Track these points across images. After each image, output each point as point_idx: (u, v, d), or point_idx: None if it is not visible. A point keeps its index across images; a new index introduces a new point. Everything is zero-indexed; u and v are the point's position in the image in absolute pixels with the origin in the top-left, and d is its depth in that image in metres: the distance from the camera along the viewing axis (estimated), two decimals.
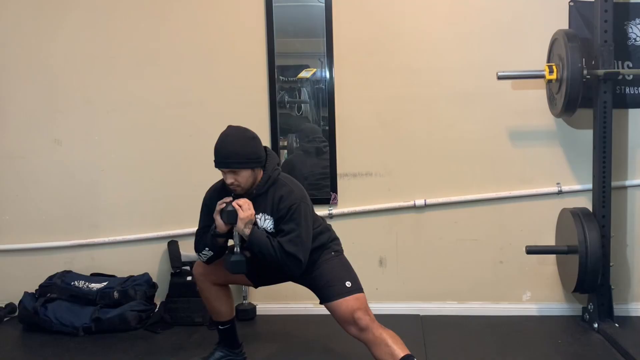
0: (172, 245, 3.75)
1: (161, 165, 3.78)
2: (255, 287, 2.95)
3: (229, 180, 2.62)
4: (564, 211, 3.41)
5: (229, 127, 2.70)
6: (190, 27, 3.69)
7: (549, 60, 3.42)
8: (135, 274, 3.73)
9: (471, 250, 3.64)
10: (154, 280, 3.76)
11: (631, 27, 3.47)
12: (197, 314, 3.59)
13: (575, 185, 3.54)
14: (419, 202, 3.62)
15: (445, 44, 3.55)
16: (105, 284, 3.64)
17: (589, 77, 3.22)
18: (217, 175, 3.74)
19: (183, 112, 3.73)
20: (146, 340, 3.40)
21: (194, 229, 3.74)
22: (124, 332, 3.48)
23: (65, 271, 3.75)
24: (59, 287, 3.61)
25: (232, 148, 2.60)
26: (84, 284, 3.63)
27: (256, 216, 2.63)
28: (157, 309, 3.70)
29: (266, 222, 2.66)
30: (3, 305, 3.83)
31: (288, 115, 3.67)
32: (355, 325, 2.59)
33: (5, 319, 3.76)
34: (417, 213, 3.63)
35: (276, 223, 2.65)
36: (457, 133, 3.58)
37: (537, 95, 3.52)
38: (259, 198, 2.66)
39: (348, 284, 2.65)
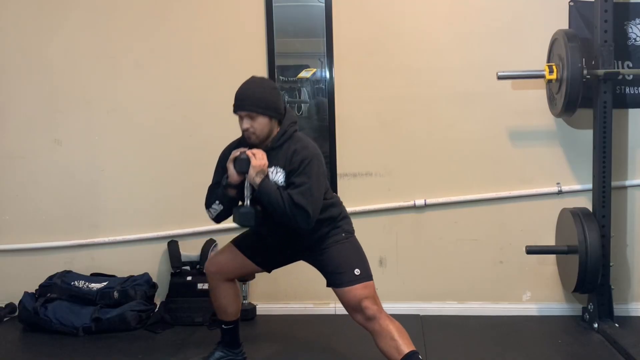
0: (172, 245, 3.75)
1: (161, 165, 3.78)
2: (269, 271, 2.89)
3: (245, 125, 2.59)
4: (564, 211, 3.42)
5: (253, 76, 2.71)
6: (190, 27, 3.69)
7: (549, 60, 3.42)
8: (135, 274, 3.73)
9: (471, 250, 3.64)
10: (154, 280, 3.76)
11: (631, 27, 3.47)
12: (197, 314, 3.59)
13: (575, 185, 3.54)
14: (419, 202, 3.62)
15: (445, 44, 3.55)
16: (105, 284, 3.64)
17: (589, 77, 3.22)
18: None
19: (183, 112, 3.74)
20: (146, 340, 3.40)
21: (194, 229, 3.79)
22: (124, 332, 3.47)
23: (65, 271, 3.74)
24: (59, 287, 3.61)
25: (253, 92, 2.60)
26: (84, 284, 3.63)
27: (268, 169, 2.59)
28: (157, 309, 3.70)
29: (278, 175, 2.61)
30: (3, 305, 3.84)
31: None
32: (362, 313, 2.58)
33: (5, 319, 3.76)
34: (417, 213, 3.63)
35: (287, 176, 2.59)
36: (457, 133, 3.58)
37: (537, 95, 3.52)
38: (273, 152, 2.62)
39: (357, 271, 2.61)
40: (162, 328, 3.53)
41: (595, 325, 3.31)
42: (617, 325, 3.28)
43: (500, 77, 3.35)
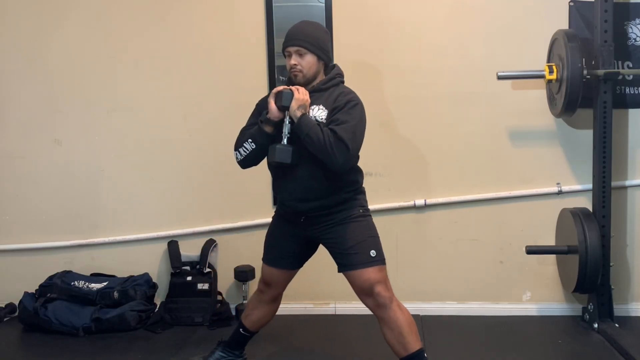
0: (172, 245, 3.75)
1: (161, 165, 3.78)
2: (298, 268, 2.84)
3: (293, 61, 2.57)
4: (564, 211, 3.42)
5: (304, 20, 2.71)
6: (190, 27, 3.69)
7: (549, 60, 3.42)
8: (135, 274, 3.74)
9: (471, 250, 3.64)
10: (154, 280, 3.77)
11: (631, 27, 3.47)
12: (197, 314, 3.59)
13: (575, 185, 3.54)
14: (419, 202, 3.62)
15: (445, 44, 3.55)
16: (105, 284, 3.64)
17: (589, 77, 3.22)
18: (217, 174, 3.76)
19: (183, 112, 3.74)
20: (146, 340, 3.40)
21: (194, 229, 3.79)
22: (124, 332, 3.48)
23: (65, 271, 3.75)
24: (59, 287, 3.61)
25: (304, 29, 2.59)
26: (84, 284, 3.64)
27: (310, 107, 2.54)
28: (157, 309, 3.70)
29: (319, 112, 2.55)
30: (3, 305, 3.84)
31: None
32: (373, 299, 2.54)
33: (5, 319, 3.76)
34: (417, 213, 3.63)
35: (330, 114, 2.54)
36: (457, 133, 3.58)
37: (537, 95, 3.52)
38: (318, 94, 2.59)
39: (373, 253, 2.56)
40: (162, 328, 3.53)
41: (595, 325, 3.31)
42: (617, 325, 3.28)
43: (500, 77, 3.35)
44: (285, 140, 2.55)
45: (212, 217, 3.78)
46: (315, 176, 2.55)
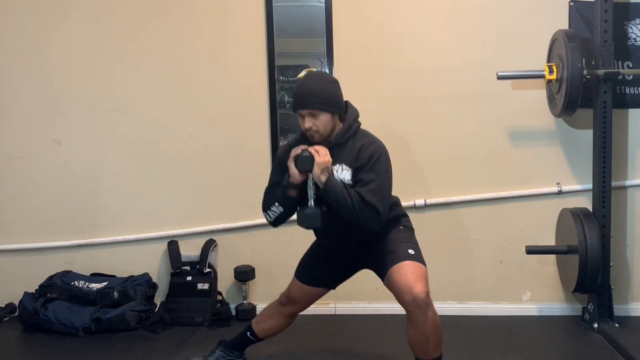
0: (172, 245, 3.75)
1: (161, 165, 3.78)
2: (334, 288, 2.80)
3: (307, 124, 2.45)
4: (564, 211, 3.42)
5: (309, 71, 2.63)
6: (190, 27, 3.69)
7: (549, 60, 3.42)
8: (135, 274, 3.74)
9: (471, 250, 3.64)
10: (154, 280, 3.77)
11: (631, 27, 3.47)
12: (197, 314, 3.59)
13: (575, 185, 3.54)
14: (419, 202, 3.62)
15: (445, 44, 3.55)
16: (105, 284, 3.64)
17: (589, 77, 3.22)
18: (217, 174, 3.76)
19: (183, 112, 3.73)
20: (146, 340, 3.40)
21: (194, 229, 3.79)
22: (124, 332, 3.48)
23: (65, 271, 3.75)
24: (59, 287, 3.61)
25: (312, 88, 2.46)
26: (84, 284, 3.63)
27: (333, 166, 2.46)
28: (157, 309, 3.70)
29: (343, 173, 2.48)
30: (3, 305, 3.84)
31: (288, 115, 3.67)
32: (412, 295, 2.37)
33: (5, 319, 3.76)
34: (417, 213, 3.63)
35: (354, 173, 2.47)
36: (457, 133, 3.58)
37: (537, 95, 3.52)
38: (337, 148, 2.50)
39: (410, 251, 2.49)
40: (162, 328, 3.53)
41: (595, 325, 3.31)
42: (617, 325, 3.28)
43: (500, 77, 3.35)
44: (312, 202, 2.47)
45: (212, 217, 3.78)
46: (353, 226, 2.48)
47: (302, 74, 3.61)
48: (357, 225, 2.46)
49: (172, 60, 3.71)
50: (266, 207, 2.64)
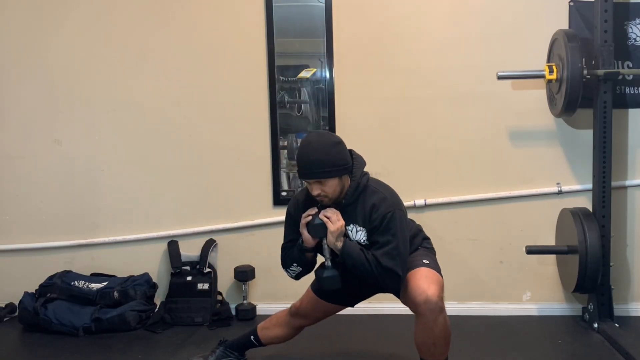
0: (172, 245, 3.75)
1: (161, 165, 3.78)
2: (352, 306, 2.78)
3: (316, 191, 2.41)
4: (564, 211, 3.42)
5: (310, 134, 2.54)
6: (190, 27, 3.69)
7: (549, 60, 3.42)
8: (135, 274, 3.73)
9: (471, 250, 3.64)
10: (154, 280, 3.76)
11: (631, 27, 3.47)
12: (197, 314, 3.59)
13: (575, 185, 3.54)
14: (419, 202, 3.62)
15: (446, 44, 3.55)
16: (105, 284, 3.64)
17: (589, 77, 3.22)
18: (217, 174, 3.76)
19: (183, 112, 3.74)
20: (146, 340, 3.40)
21: (194, 229, 3.79)
22: (124, 332, 3.47)
23: (65, 271, 3.74)
24: (59, 287, 3.61)
25: (316, 156, 2.37)
26: (84, 284, 3.63)
27: (346, 227, 2.45)
28: (157, 309, 3.70)
29: (358, 234, 2.47)
30: (3, 305, 3.83)
31: (288, 116, 3.67)
32: (425, 296, 2.36)
33: (5, 319, 3.76)
34: (417, 213, 3.63)
35: (369, 234, 2.45)
36: (457, 133, 3.58)
37: (537, 95, 3.52)
38: (349, 208, 2.46)
39: (425, 261, 2.51)
40: (162, 328, 3.53)
41: (595, 325, 3.31)
42: (617, 325, 3.28)
43: (500, 77, 3.35)
44: (329, 262, 2.48)
45: (212, 217, 3.78)
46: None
47: (303, 73, 3.63)
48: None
49: (172, 60, 3.71)
50: (285, 266, 2.64)
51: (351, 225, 2.48)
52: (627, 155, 3.51)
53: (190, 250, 3.75)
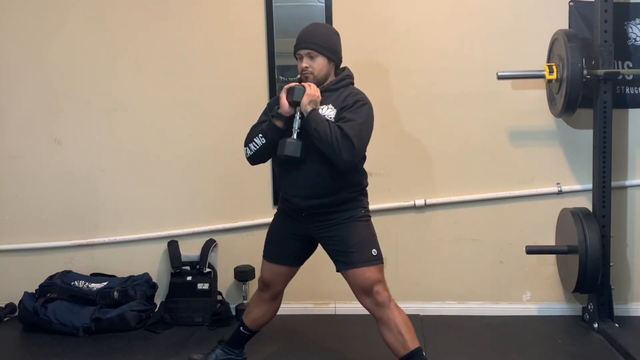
0: (172, 245, 3.75)
1: (161, 165, 3.78)
2: (298, 266, 2.85)
3: (304, 64, 2.62)
4: (564, 211, 3.42)
5: (315, 22, 2.81)
6: (190, 27, 3.69)
7: (549, 60, 3.42)
8: (135, 274, 3.73)
9: (471, 250, 3.64)
10: (154, 280, 3.77)
11: (631, 27, 3.47)
12: (197, 314, 3.59)
13: (575, 185, 3.54)
14: (419, 202, 3.62)
15: (445, 44, 3.55)
16: (105, 284, 3.64)
17: (589, 77, 3.22)
18: (217, 174, 3.76)
19: (183, 112, 3.74)
20: (146, 340, 3.40)
21: (194, 229, 3.79)
22: (124, 332, 3.48)
23: (65, 271, 3.75)
24: (59, 287, 3.61)
25: (315, 32, 2.65)
26: (84, 284, 3.64)
27: (320, 106, 2.59)
28: (157, 309, 3.70)
29: (329, 111, 2.60)
30: (3, 305, 3.84)
31: None
32: (372, 298, 2.58)
33: (5, 319, 3.76)
34: (417, 213, 3.63)
35: (338, 113, 2.59)
36: (457, 133, 3.58)
37: (537, 95, 3.52)
38: (328, 93, 2.64)
39: (374, 251, 2.62)
40: (162, 328, 3.53)
41: (595, 325, 3.31)
42: (617, 325, 3.28)
43: (500, 77, 3.35)
44: (295, 135, 2.58)
45: (212, 217, 3.78)
46: (321, 173, 2.59)
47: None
48: (325, 172, 2.56)
49: (173, 60, 3.71)
50: (248, 141, 2.70)
51: (324, 105, 2.61)
52: (627, 155, 3.52)
53: (190, 250, 3.75)
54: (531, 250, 3.37)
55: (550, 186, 3.56)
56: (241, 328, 2.93)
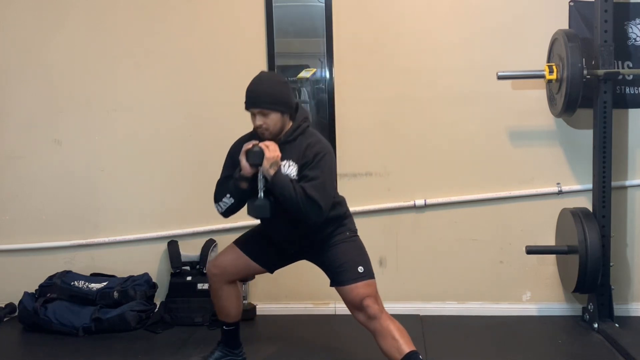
0: (172, 245, 3.75)
1: (161, 165, 3.78)
2: (272, 271, 2.88)
3: (258, 122, 2.60)
4: (564, 211, 3.42)
5: (262, 72, 2.75)
6: (190, 27, 3.69)
7: (549, 60, 3.42)
8: (135, 274, 3.73)
9: (471, 250, 3.64)
10: (154, 280, 3.76)
11: (631, 27, 3.47)
12: (197, 314, 3.59)
13: (575, 185, 3.54)
14: (419, 202, 3.62)
15: (446, 44, 3.55)
16: (105, 284, 3.64)
17: (589, 77, 3.22)
18: (217, 174, 3.75)
19: (183, 112, 3.74)
20: (146, 340, 3.40)
21: (194, 229, 3.79)
22: (124, 332, 3.47)
23: (65, 271, 3.74)
24: (59, 287, 3.61)
25: (263, 88, 2.61)
26: (84, 284, 3.63)
27: (281, 162, 2.60)
28: (157, 309, 3.70)
29: (290, 169, 2.62)
30: (3, 305, 3.83)
31: None
32: (363, 312, 2.61)
33: (5, 319, 3.76)
34: (417, 213, 3.63)
35: (300, 170, 2.61)
36: (457, 133, 3.58)
37: (537, 95, 3.52)
38: (287, 146, 2.63)
39: (360, 269, 2.64)
40: (162, 328, 3.53)
41: (595, 325, 3.31)
42: (617, 325, 3.28)
43: (500, 77, 3.35)
44: (261, 194, 2.59)
45: (212, 217, 3.75)
46: (298, 220, 2.62)
47: (303, 73, 3.63)
48: (300, 220, 2.59)
49: (173, 60, 3.71)
50: (218, 199, 2.73)
51: (285, 161, 2.62)
52: (627, 155, 3.52)
53: (190, 250, 3.75)
54: (531, 250, 3.37)
55: (550, 186, 3.56)
56: (223, 327, 2.94)
